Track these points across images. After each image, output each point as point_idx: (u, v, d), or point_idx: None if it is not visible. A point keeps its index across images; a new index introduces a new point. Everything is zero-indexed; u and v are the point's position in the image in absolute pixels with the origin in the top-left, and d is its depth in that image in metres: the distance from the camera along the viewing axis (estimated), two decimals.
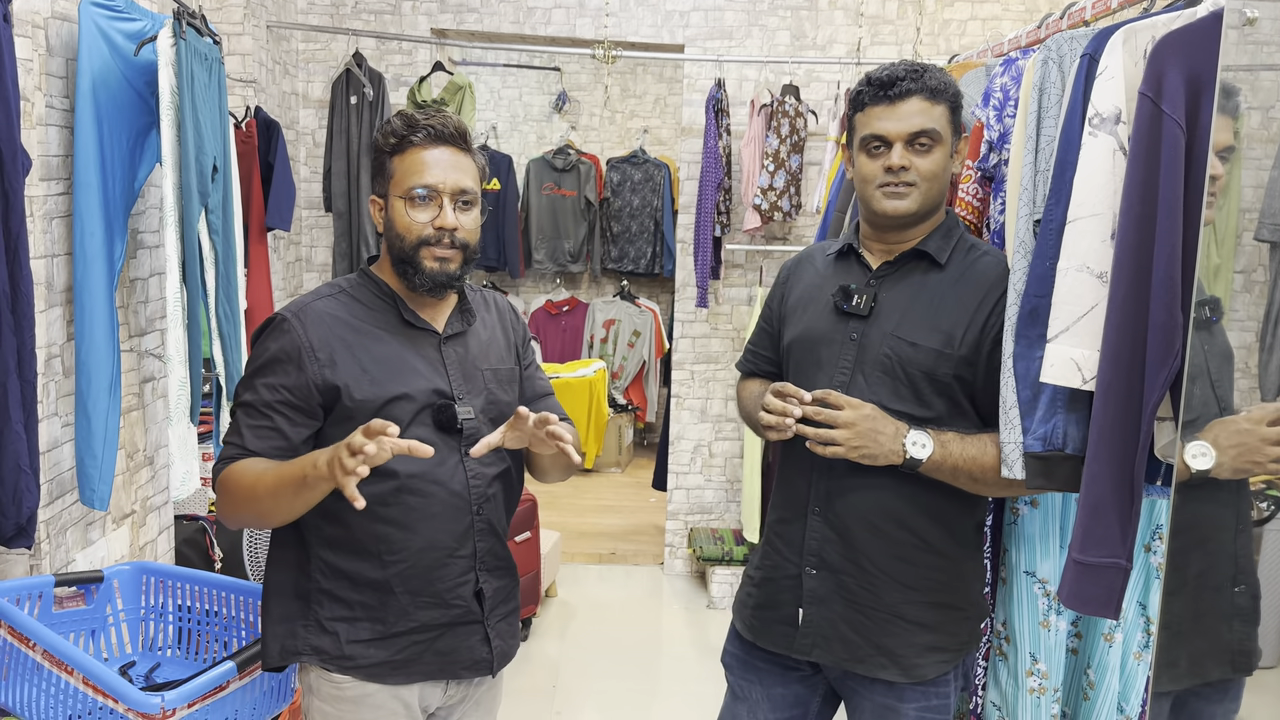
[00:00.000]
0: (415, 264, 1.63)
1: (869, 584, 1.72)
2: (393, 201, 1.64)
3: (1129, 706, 1.90)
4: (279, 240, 3.96)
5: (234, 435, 1.61)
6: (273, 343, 1.61)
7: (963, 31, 4.34)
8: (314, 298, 1.67)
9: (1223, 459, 1.53)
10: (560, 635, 3.99)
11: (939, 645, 1.73)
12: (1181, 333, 1.46)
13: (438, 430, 1.63)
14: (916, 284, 1.75)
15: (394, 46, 4.40)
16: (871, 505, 1.71)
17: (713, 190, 4.17)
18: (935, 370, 1.69)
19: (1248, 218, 1.82)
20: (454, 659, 1.68)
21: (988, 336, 1.69)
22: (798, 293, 1.89)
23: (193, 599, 2.21)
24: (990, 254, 1.79)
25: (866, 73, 1.76)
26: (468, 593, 1.67)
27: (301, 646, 1.63)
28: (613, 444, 6.27)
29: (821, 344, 1.77)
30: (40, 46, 2.18)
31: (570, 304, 6.65)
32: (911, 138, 1.69)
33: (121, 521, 2.58)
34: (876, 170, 1.71)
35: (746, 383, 2.00)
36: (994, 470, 1.65)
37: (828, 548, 1.74)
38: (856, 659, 1.73)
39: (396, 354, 1.64)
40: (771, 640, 1.82)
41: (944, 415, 1.71)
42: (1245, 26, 1.59)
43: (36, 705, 1.86)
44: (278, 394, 1.59)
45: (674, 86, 6.70)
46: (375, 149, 1.68)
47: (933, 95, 1.69)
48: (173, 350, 2.46)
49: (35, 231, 2.15)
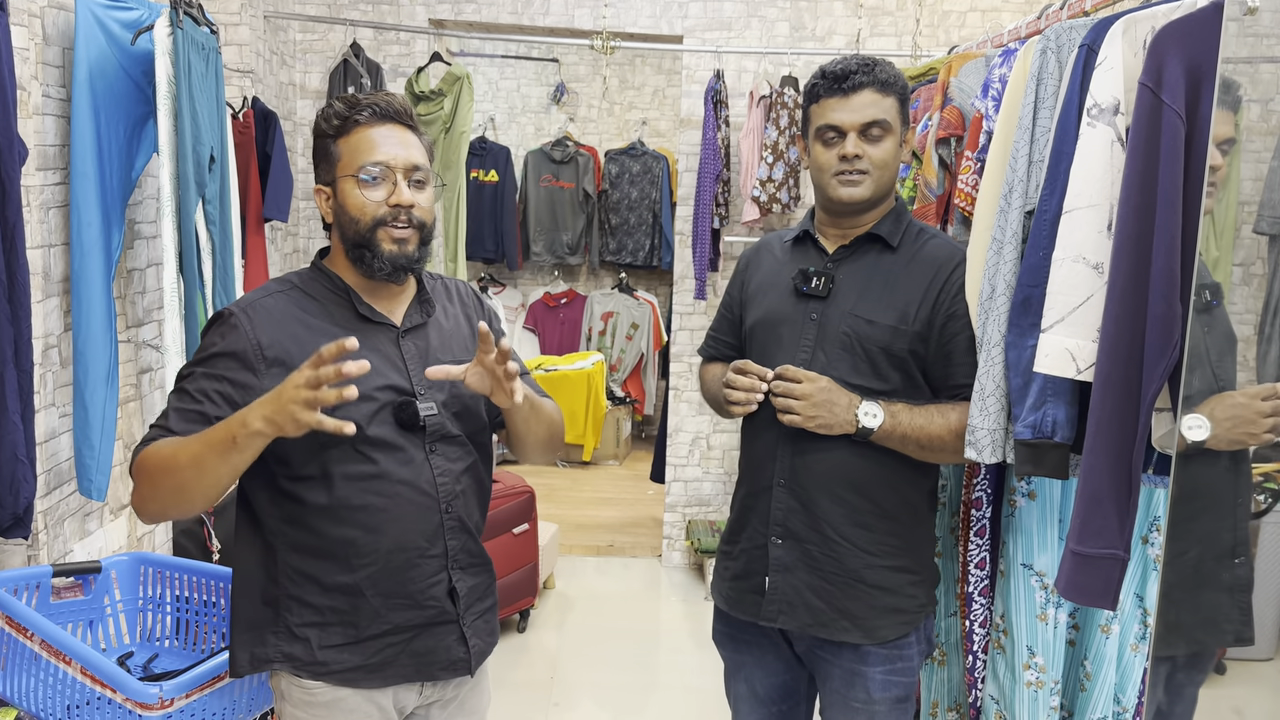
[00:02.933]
0: (373, 247, 1.55)
1: (831, 551, 1.81)
2: (342, 185, 1.56)
3: (1125, 698, 1.90)
4: (276, 231, 3.95)
5: (160, 419, 1.52)
6: (219, 338, 1.53)
7: (962, 23, 4.34)
8: (263, 294, 1.59)
9: (1218, 430, 1.56)
10: (558, 627, 3.99)
11: (898, 607, 1.83)
12: (1180, 323, 1.46)
13: (400, 429, 1.57)
14: (871, 265, 1.85)
15: (392, 37, 4.39)
16: (833, 475, 1.80)
17: (711, 182, 4.17)
18: (891, 346, 1.79)
19: (1246, 210, 1.82)
20: (430, 660, 1.62)
21: (939, 313, 1.80)
22: (758, 279, 1.98)
23: (190, 590, 2.21)
24: (938, 237, 1.89)
25: (821, 66, 1.85)
26: (441, 592, 1.61)
27: (272, 654, 1.57)
28: (611, 436, 6.27)
29: (783, 324, 1.87)
30: (37, 35, 2.17)
31: (568, 296, 6.65)
32: (864, 128, 1.78)
33: (119, 512, 2.58)
34: (831, 159, 1.81)
35: (709, 367, 2.10)
36: (939, 439, 1.77)
37: (792, 517, 1.83)
38: (821, 624, 1.82)
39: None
40: (743, 609, 1.90)
41: (899, 388, 1.81)
42: (1246, 17, 1.58)
43: (35, 695, 1.86)
44: (216, 384, 1.51)
45: (672, 78, 6.68)
46: (317, 135, 1.60)
47: (883, 88, 1.79)
48: (170, 341, 2.46)
49: (32, 221, 2.14)
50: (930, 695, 2.28)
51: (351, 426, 1.35)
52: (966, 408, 1.78)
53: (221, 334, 1.54)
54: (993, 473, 1.98)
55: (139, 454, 1.49)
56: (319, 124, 1.60)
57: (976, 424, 1.75)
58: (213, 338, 1.55)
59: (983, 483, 2.00)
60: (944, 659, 2.24)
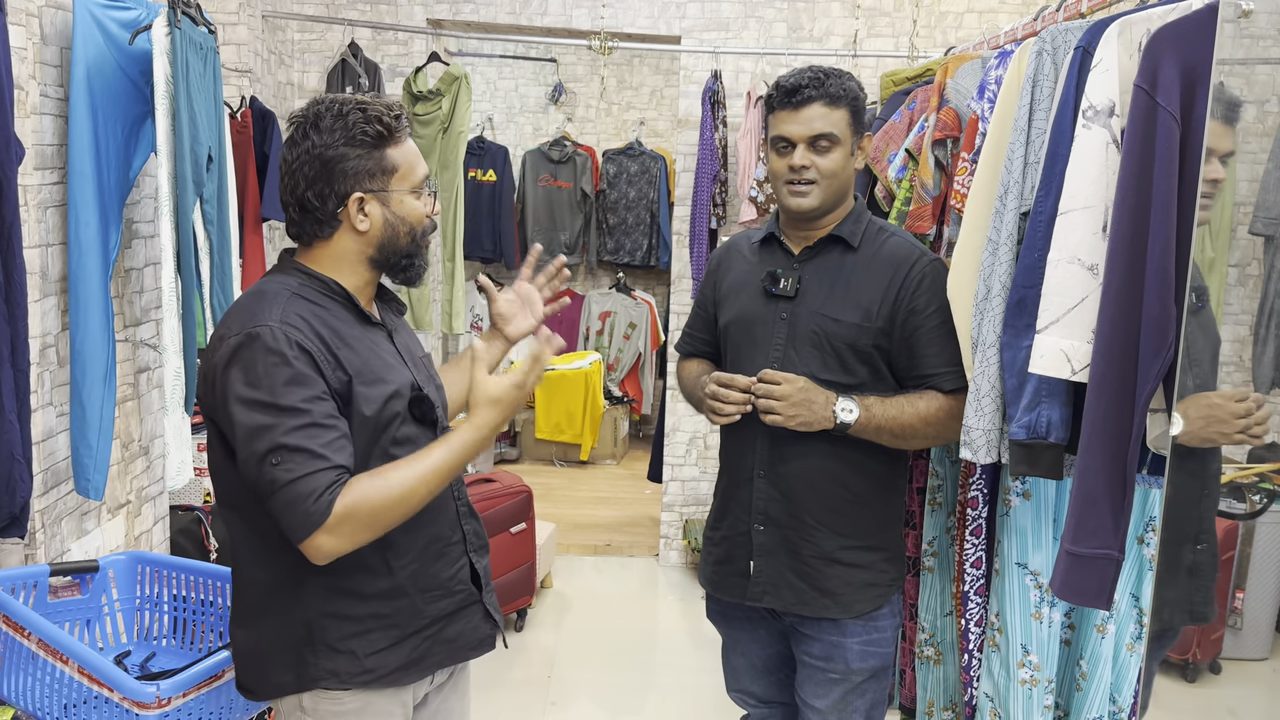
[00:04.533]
0: (419, 256, 1.63)
1: (809, 535, 1.93)
2: (398, 197, 1.56)
3: (1121, 697, 1.91)
4: (274, 231, 3.95)
5: (310, 462, 1.41)
6: (279, 357, 1.44)
7: (959, 24, 4.34)
8: (282, 301, 1.51)
9: (1190, 427, 1.61)
10: (556, 626, 4.00)
11: (872, 582, 1.94)
12: (1175, 325, 1.46)
13: (417, 423, 1.60)
14: (835, 265, 1.94)
15: (390, 37, 4.39)
16: (810, 466, 1.91)
17: (708, 182, 4.17)
18: (857, 342, 1.89)
19: (1242, 211, 1.83)
20: (460, 643, 1.67)
21: (899, 309, 1.88)
22: (729, 280, 2.06)
23: (188, 589, 2.21)
24: (897, 235, 1.98)
25: (777, 78, 1.95)
26: (466, 576, 1.67)
27: (317, 673, 1.54)
28: (608, 436, 6.27)
29: (756, 324, 1.97)
30: (35, 35, 2.17)
31: (566, 295, 6.65)
32: (812, 140, 1.88)
33: (117, 511, 2.58)
34: (783, 167, 1.91)
35: (686, 363, 2.20)
36: (911, 427, 1.87)
37: (773, 506, 1.94)
38: (803, 602, 1.94)
39: (370, 351, 1.58)
40: (728, 591, 2.03)
41: (867, 381, 1.90)
42: (1240, 20, 1.59)
43: (32, 694, 1.86)
44: (325, 402, 1.46)
45: (670, 78, 6.68)
46: (357, 143, 1.52)
47: (833, 101, 1.88)
48: (168, 340, 2.46)
49: (30, 221, 2.14)
50: (926, 694, 2.29)
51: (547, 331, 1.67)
52: (933, 395, 1.88)
53: (279, 352, 1.44)
54: (988, 473, 1.99)
55: (337, 502, 1.41)
56: (363, 129, 1.52)
57: (971, 424, 1.80)
58: (271, 358, 1.44)
59: (978, 482, 2.01)
60: (940, 658, 2.25)
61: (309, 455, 1.41)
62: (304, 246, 1.61)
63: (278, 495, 1.42)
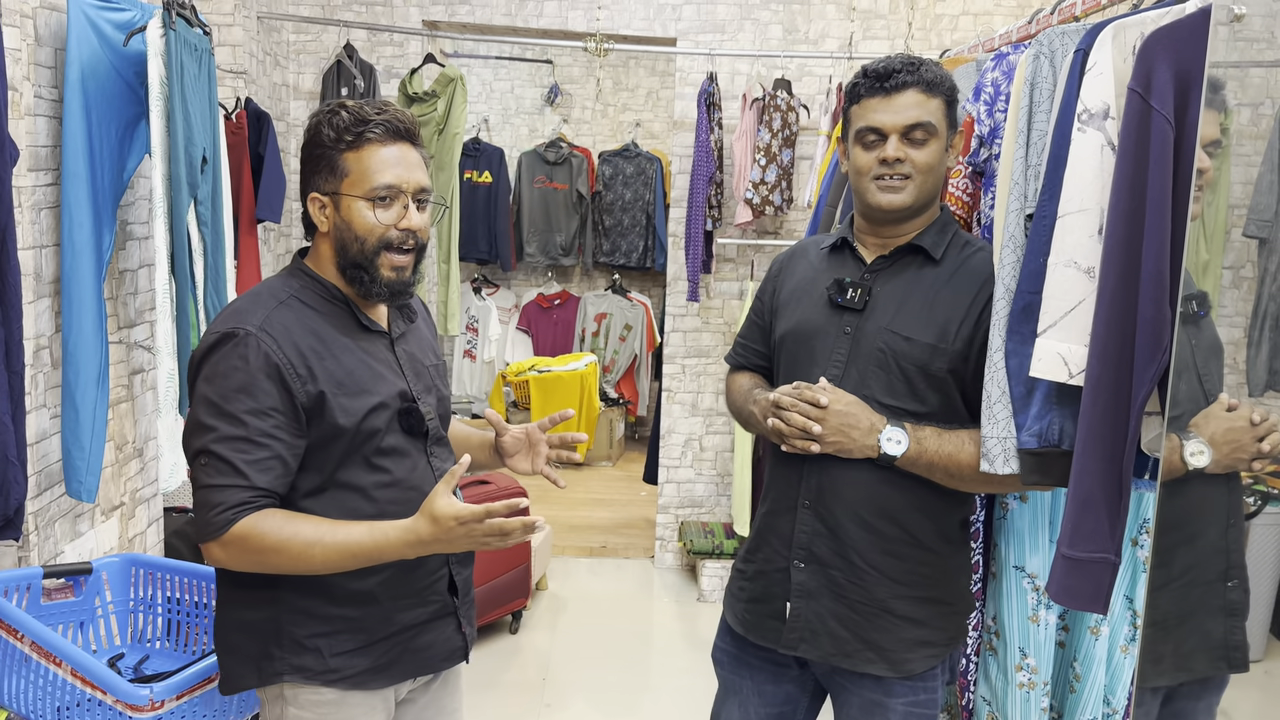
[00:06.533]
0: (371, 271, 1.55)
1: (858, 578, 1.70)
2: (349, 202, 1.53)
3: (1115, 699, 1.91)
4: (269, 232, 3.95)
5: (228, 475, 1.44)
6: (240, 362, 1.46)
7: (954, 26, 4.35)
8: (269, 307, 1.53)
9: (1217, 455, 1.54)
10: (551, 628, 3.99)
11: (927, 640, 1.72)
12: (1170, 328, 1.46)
13: (405, 434, 1.60)
14: (911, 279, 1.74)
15: (385, 38, 4.38)
16: (861, 499, 1.69)
17: (704, 184, 4.17)
18: (929, 365, 1.69)
19: (1236, 214, 1.83)
20: (431, 654, 1.66)
21: (981, 330, 1.69)
22: (790, 286, 1.87)
23: (182, 591, 2.21)
24: (983, 250, 1.79)
25: (863, 65, 1.74)
26: (443, 587, 1.66)
27: (281, 667, 1.55)
28: (604, 437, 6.26)
29: (815, 337, 1.77)
30: (29, 36, 2.17)
31: (562, 297, 6.65)
32: (907, 130, 1.68)
33: (110, 513, 2.58)
34: (871, 162, 1.71)
35: (735, 376, 1.98)
36: (970, 467, 1.65)
37: (817, 541, 1.72)
38: (844, 654, 1.72)
39: (361, 360, 1.57)
40: (762, 634, 1.80)
41: (938, 410, 1.70)
42: (1233, 23, 1.59)
43: (25, 697, 1.85)
44: (270, 419, 1.46)
45: (666, 80, 6.69)
46: (317, 143, 1.55)
47: (929, 88, 1.69)
48: (161, 342, 2.46)
49: (23, 222, 2.14)
50: None
51: (540, 519, 1.47)
52: None
53: (244, 357, 1.47)
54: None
55: (234, 523, 1.44)
56: (321, 130, 1.55)
57: (986, 433, 1.65)
58: (234, 362, 1.47)
59: None
60: None
61: (230, 469, 1.45)
62: (311, 247, 1.66)
63: (196, 493, 1.49)
